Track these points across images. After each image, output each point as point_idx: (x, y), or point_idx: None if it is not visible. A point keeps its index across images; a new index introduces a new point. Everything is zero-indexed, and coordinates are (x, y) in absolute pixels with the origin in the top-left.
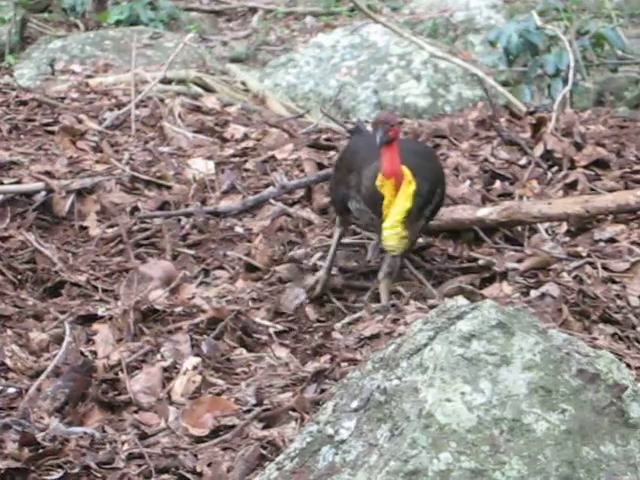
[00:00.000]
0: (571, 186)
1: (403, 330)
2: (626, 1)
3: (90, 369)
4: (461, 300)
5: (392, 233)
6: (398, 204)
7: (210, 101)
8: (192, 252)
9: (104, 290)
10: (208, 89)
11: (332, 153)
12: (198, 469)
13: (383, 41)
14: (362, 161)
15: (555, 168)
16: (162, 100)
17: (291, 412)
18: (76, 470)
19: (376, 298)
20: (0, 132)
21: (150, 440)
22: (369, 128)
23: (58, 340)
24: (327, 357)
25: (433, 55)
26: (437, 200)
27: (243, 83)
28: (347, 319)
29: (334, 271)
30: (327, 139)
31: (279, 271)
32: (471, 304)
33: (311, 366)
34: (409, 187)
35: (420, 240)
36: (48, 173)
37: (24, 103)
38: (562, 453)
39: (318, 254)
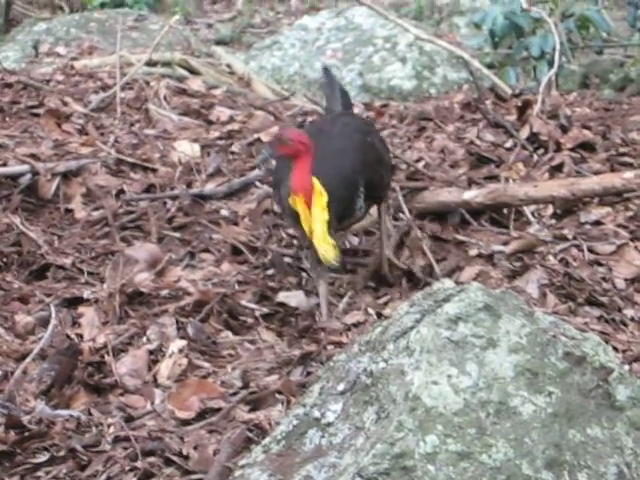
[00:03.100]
0: (557, 169)
1: (389, 313)
2: None
3: (76, 352)
4: (448, 282)
5: (326, 247)
6: (316, 219)
7: (195, 84)
8: (178, 235)
9: (90, 273)
10: (193, 72)
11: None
12: (184, 452)
13: (368, 23)
14: (279, 179)
15: (541, 151)
16: (147, 83)
17: (277, 395)
18: (62, 453)
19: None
20: None
21: (136, 423)
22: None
23: (44, 323)
24: (313, 340)
25: (418, 38)
26: (374, 181)
27: (228, 66)
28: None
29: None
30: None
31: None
32: (458, 287)
33: (297, 349)
34: (321, 199)
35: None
36: (33, 156)
37: (9, 86)
38: (548, 436)
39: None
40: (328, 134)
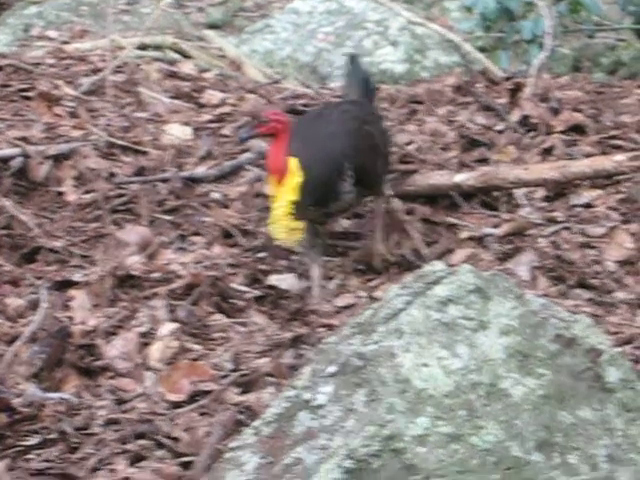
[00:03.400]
0: (548, 151)
1: (380, 295)
2: None
3: (66, 335)
4: (438, 265)
5: (278, 227)
6: (280, 198)
7: (187, 67)
8: (169, 218)
9: (81, 256)
10: (185, 55)
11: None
12: (175, 434)
13: (360, 7)
14: None
15: (532, 133)
16: (138, 66)
17: (268, 377)
18: (53, 436)
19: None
20: None
21: (127, 406)
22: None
23: (34, 306)
24: (304, 323)
25: (410, 21)
26: (366, 168)
27: (220, 49)
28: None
29: None
30: (304, 105)
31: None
32: (448, 269)
33: (288, 331)
34: (292, 180)
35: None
36: (24, 139)
37: (0, 69)
38: (539, 418)
39: None
40: (326, 118)
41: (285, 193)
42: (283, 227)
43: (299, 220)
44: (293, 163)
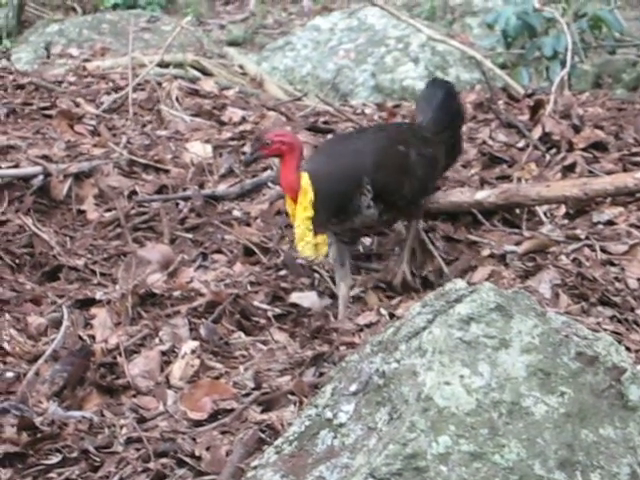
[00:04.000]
0: (569, 169)
1: (402, 314)
2: None
3: (88, 353)
4: (460, 283)
5: (302, 245)
6: (298, 217)
7: (208, 84)
8: (190, 236)
9: (102, 274)
10: (206, 73)
11: (330, 136)
12: (197, 453)
13: (381, 24)
14: None
15: (553, 150)
16: (159, 84)
17: (290, 396)
18: (74, 454)
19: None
20: None
21: (148, 424)
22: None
23: (56, 324)
24: (325, 341)
25: (431, 38)
26: (389, 187)
27: (241, 66)
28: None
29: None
30: (325, 122)
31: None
32: (470, 287)
33: (309, 349)
34: (305, 197)
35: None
36: (46, 157)
37: (21, 87)
38: (561, 436)
39: None
40: (358, 136)
41: (301, 210)
42: (307, 244)
43: (321, 234)
44: (305, 180)
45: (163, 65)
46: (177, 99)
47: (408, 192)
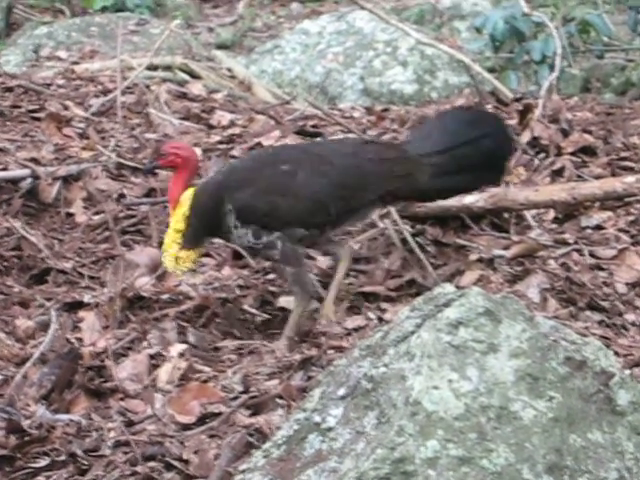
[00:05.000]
0: (558, 173)
1: (390, 318)
2: None
3: (76, 356)
4: (448, 287)
5: (166, 255)
6: (170, 227)
7: (196, 88)
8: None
9: (90, 277)
10: (194, 76)
11: (319, 140)
12: (185, 456)
13: (369, 27)
14: None
15: (542, 155)
16: (148, 87)
17: (278, 399)
18: (62, 458)
19: None
20: None
21: (136, 427)
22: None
23: (44, 327)
24: (314, 345)
25: (419, 42)
26: (255, 208)
27: (229, 70)
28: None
29: None
30: (314, 126)
31: None
32: (458, 291)
33: (298, 353)
34: (179, 210)
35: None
36: (34, 160)
37: (10, 90)
38: (549, 440)
39: None
40: (259, 153)
41: (173, 223)
42: (169, 256)
43: (190, 249)
44: (186, 194)
45: (152, 68)
46: (166, 102)
47: (286, 215)
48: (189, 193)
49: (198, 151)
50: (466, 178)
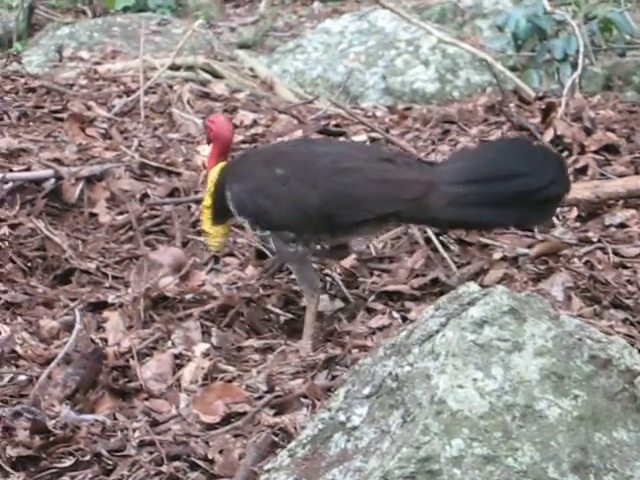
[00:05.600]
0: (581, 171)
1: (415, 317)
2: None
3: (101, 356)
4: (473, 286)
5: (206, 232)
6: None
7: (218, 87)
8: (202, 239)
9: (114, 277)
10: (216, 75)
11: (341, 139)
12: (209, 456)
13: (391, 27)
14: None
15: (565, 153)
16: (171, 87)
17: (302, 399)
18: (87, 458)
19: None
20: (9, 119)
21: (161, 427)
22: None
23: (68, 327)
24: (338, 344)
25: (441, 40)
26: (245, 205)
27: (251, 69)
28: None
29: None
30: (336, 125)
31: None
32: (483, 290)
33: (322, 352)
34: (209, 186)
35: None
36: (57, 160)
37: (32, 90)
38: (574, 439)
39: None
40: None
41: (205, 198)
42: (205, 232)
43: (217, 225)
44: (214, 170)
45: (174, 68)
46: (188, 102)
47: (273, 218)
48: (216, 169)
49: None
50: (494, 213)
